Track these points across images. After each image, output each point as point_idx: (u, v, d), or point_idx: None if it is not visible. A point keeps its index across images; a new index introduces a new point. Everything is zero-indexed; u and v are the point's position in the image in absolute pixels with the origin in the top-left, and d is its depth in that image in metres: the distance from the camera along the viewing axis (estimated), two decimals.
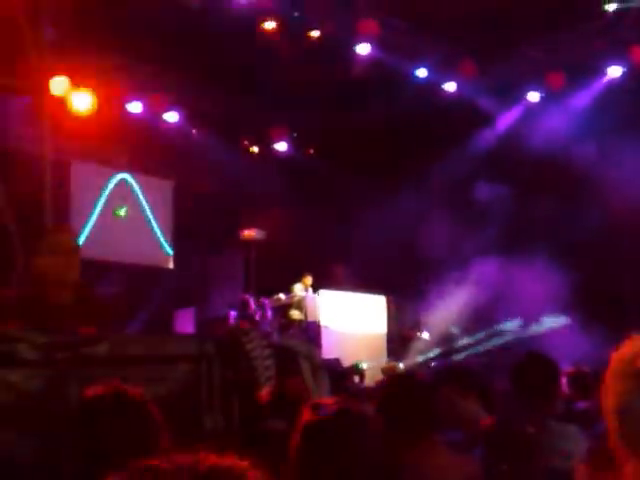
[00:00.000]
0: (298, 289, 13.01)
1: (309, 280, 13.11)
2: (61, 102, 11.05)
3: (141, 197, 14.34)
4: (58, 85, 10.68)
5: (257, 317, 12.20)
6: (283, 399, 3.74)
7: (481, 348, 12.59)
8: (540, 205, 13.43)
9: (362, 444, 2.00)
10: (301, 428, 2.04)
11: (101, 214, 13.65)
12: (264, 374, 3.88)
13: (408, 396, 3.06)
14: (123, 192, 14.07)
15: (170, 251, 14.48)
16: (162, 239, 14.51)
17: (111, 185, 13.89)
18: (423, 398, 3.08)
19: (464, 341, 12.86)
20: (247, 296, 12.64)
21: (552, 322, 12.43)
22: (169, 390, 3.28)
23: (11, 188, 7.60)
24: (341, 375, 6.09)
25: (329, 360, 10.55)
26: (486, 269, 12.41)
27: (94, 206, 13.59)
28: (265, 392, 3.73)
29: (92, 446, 2.21)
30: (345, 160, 13.63)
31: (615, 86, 12.65)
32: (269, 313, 12.62)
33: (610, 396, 1.31)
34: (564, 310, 12.32)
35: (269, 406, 3.73)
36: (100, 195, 13.70)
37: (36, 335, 3.13)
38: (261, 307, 12.50)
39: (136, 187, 14.28)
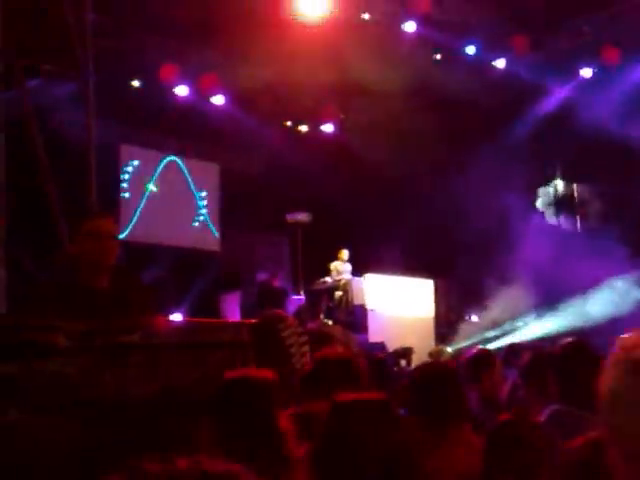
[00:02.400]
0: (336, 266, 12.92)
1: (345, 255, 13.01)
2: (109, 86, 11.11)
3: (190, 180, 14.42)
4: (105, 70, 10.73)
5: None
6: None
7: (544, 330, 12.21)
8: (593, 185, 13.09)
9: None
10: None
11: (150, 198, 13.76)
12: (300, 361, 3.84)
13: None
14: (172, 175, 14.15)
15: (217, 234, 14.55)
16: (210, 222, 14.58)
17: (160, 168, 13.99)
18: None
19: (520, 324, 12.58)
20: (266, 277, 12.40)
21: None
22: (204, 375, 3.26)
23: (58, 172, 7.65)
24: (383, 360, 6.02)
25: (374, 344, 10.50)
26: (541, 251, 12.12)
27: (144, 189, 13.70)
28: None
29: None
30: (391, 142, 13.45)
31: None
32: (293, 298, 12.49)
33: (604, 382, 1.32)
34: None
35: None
36: (150, 179, 13.81)
37: (73, 323, 3.12)
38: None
39: (185, 170, 14.36)
